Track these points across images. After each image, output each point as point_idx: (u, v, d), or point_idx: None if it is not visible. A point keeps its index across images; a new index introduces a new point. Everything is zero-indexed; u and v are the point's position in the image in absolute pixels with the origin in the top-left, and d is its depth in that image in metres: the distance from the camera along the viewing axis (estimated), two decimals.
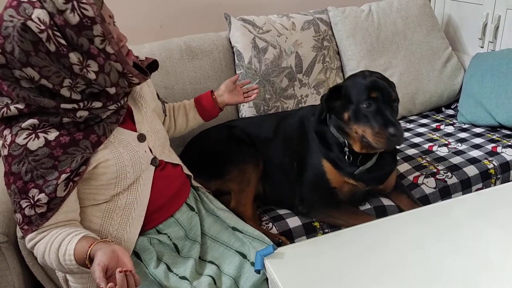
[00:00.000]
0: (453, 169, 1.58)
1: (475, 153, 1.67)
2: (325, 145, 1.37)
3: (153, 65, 1.32)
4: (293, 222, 1.39)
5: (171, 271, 1.09)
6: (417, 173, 1.57)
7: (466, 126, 1.94)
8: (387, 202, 1.47)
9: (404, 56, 2.04)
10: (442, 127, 1.95)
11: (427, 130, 1.94)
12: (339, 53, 2.03)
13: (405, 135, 1.86)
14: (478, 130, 1.88)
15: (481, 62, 1.95)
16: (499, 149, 1.68)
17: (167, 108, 1.42)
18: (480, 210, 1.16)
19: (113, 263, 0.89)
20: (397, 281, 0.94)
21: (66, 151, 0.97)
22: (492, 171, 1.59)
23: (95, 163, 1.01)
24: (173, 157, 1.24)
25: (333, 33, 2.01)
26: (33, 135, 0.96)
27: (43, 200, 0.95)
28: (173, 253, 1.15)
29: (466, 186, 1.56)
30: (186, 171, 1.28)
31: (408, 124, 2.03)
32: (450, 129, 1.92)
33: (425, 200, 1.49)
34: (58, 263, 0.97)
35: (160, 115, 1.34)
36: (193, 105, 1.46)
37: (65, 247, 0.95)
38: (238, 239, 1.18)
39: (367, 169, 1.34)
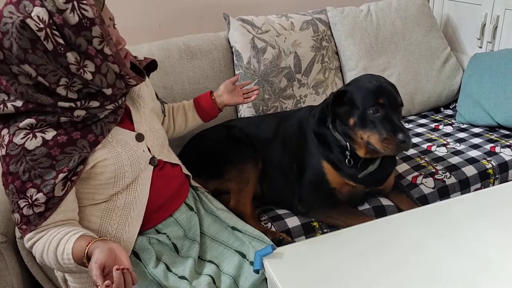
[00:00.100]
0: (452, 169, 1.58)
1: (474, 153, 1.67)
2: (325, 146, 1.37)
3: (152, 65, 1.32)
4: (292, 222, 1.39)
5: (170, 271, 1.09)
6: (416, 173, 1.58)
7: (464, 126, 1.95)
8: (386, 202, 1.47)
9: (402, 56, 2.04)
10: (440, 127, 1.96)
11: (425, 130, 1.94)
12: (338, 53, 2.03)
13: None
14: (476, 130, 1.88)
15: (479, 62, 1.96)
16: (497, 149, 1.68)
17: (166, 108, 1.42)
18: (478, 210, 1.16)
19: (111, 261, 0.89)
20: (396, 281, 0.94)
21: (63, 151, 0.97)
22: (490, 171, 1.60)
23: (93, 163, 1.01)
24: (172, 157, 1.24)
25: (332, 33, 2.01)
26: (30, 135, 0.96)
27: (41, 199, 0.95)
28: (172, 252, 1.14)
29: (464, 186, 1.56)
30: (185, 171, 1.28)
31: (407, 124, 2.03)
32: (448, 129, 1.93)
33: (423, 200, 1.50)
34: (56, 262, 0.97)
35: (159, 115, 1.34)
36: (192, 106, 1.46)
37: (63, 246, 0.95)
38: (237, 239, 1.18)
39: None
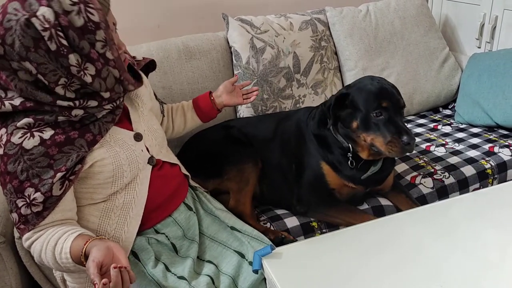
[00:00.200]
0: (451, 169, 1.59)
1: (472, 153, 1.67)
2: (325, 148, 1.37)
3: (151, 65, 1.32)
4: (291, 222, 1.39)
5: (169, 271, 1.09)
6: (415, 173, 1.58)
7: (463, 126, 1.95)
8: (385, 202, 1.47)
9: (401, 56, 2.04)
10: (439, 127, 1.96)
11: (424, 130, 1.94)
12: (336, 53, 2.03)
13: None
14: (475, 130, 1.89)
15: (478, 62, 1.96)
16: (496, 149, 1.68)
17: (165, 109, 1.42)
18: (477, 210, 1.16)
19: (108, 259, 0.89)
20: (395, 280, 0.94)
21: (61, 150, 0.97)
22: (489, 171, 1.60)
23: (91, 162, 1.01)
24: (170, 157, 1.24)
25: (331, 33, 2.01)
26: (28, 134, 0.95)
27: (39, 199, 0.95)
28: (171, 252, 1.14)
29: (463, 186, 1.56)
30: (184, 170, 1.28)
31: (405, 124, 2.03)
32: (447, 129, 1.93)
33: (422, 200, 1.50)
34: (54, 261, 0.96)
35: (157, 115, 1.34)
36: (191, 106, 1.46)
37: (61, 245, 0.95)
38: (236, 239, 1.18)
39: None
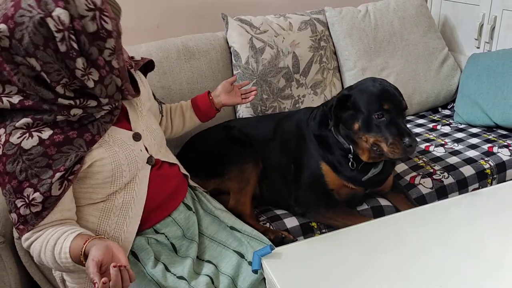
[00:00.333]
0: (450, 169, 1.59)
1: (472, 153, 1.67)
2: (325, 148, 1.36)
3: (149, 65, 1.32)
4: (291, 222, 1.39)
5: (168, 271, 1.09)
6: (414, 173, 1.58)
7: (462, 126, 1.95)
8: (384, 202, 1.47)
9: (401, 56, 2.04)
10: (438, 127, 1.96)
11: (423, 130, 1.94)
12: (336, 54, 2.03)
13: None
14: (474, 130, 1.89)
15: (477, 62, 1.96)
16: (495, 149, 1.68)
17: (164, 109, 1.42)
18: (476, 210, 1.16)
19: (107, 258, 0.89)
20: (395, 280, 0.94)
21: (60, 150, 0.97)
22: (488, 171, 1.60)
23: (90, 162, 1.01)
24: (169, 157, 1.24)
25: (330, 34, 2.01)
26: (27, 134, 0.95)
27: (38, 199, 0.95)
28: (171, 252, 1.14)
29: (462, 186, 1.56)
30: (183, 170, 1.28)
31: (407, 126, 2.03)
32: (446, 129, 1.93)
33: (421, 200, 1.50)
34: (54, 261, 0.96)
35: (156, 115, 1.34)
36: (189, 106, 1.46)
37: (60, 245, 0.95)
38: (236, 239, 1.18)
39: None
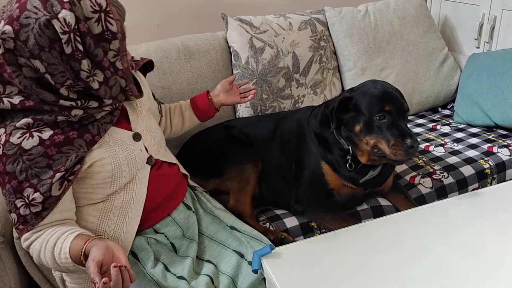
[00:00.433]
0: (450, 169, 1.59)
1: (471, 153, 1.67)
2: (325, 148, 1.36)
3: (149, 65, 1.32)
4: (291, 222, 1.39)
5: (168, 271, 1.09)
6: (414, 173, 1.58)
7: (462, 126, 1.95)
8: (384, 202, 1.47)
9: (400, 56, 2.04)
10: (438, 127, 1.96)
11: (423, 130, 1.94)
12: (336, 53, 2.03)
13: None
14: (474, 130, 1.89)
15: (477, 62, 1.96)
16: (495, 149, 1.68)
17: (163, 108, 1.42)
18: (476, 210, 1.16)
19: (108, 259, 0.89)
20: (395, 280, 0.94)
21: (60, 150, 0.97)
22: (488, 171, 1.60)
23: (90, 162, 1.01)
24: (169, 156, 1.24)
25: (330, 33, 2.01)
26: (27, 134, 0.95)
27: (38, 199, 0.95)
28: (171, 252, 1.14)
29: (462, 186, 1.56)
30: (182, 170, 1.28)
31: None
32: (446, 129, 1.93)
33: (421, 200, 1.50)
34: (53, 261, 0.96)
35: (155, 115, 1.34)
36: (189, 106, 1.46)
37: (60, 245, 0.95)
38: (235, 239, 1.18)
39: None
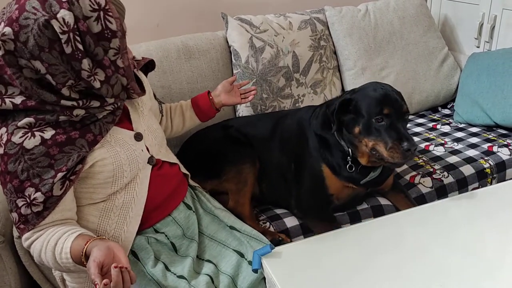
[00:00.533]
0: (450, 168, 1.59)
1: (471, 153, 1.67)
2: (326, 149, 1.36)
3: (150, 64, 1.32)
4: (291, 221, 1.39)
5: (168, 270, 1.09)
6: (414, 173, 1.58)
7: (462, 125, 1.95)
8: (384, 201, 1.47)
9: (400, 55, 2.04)
10: (438, 127, 1.96)
11: (423, 129, 1.94)
12: (336, 53, 2.03)
13: None
14: (474, 129, 1.89)
15: (477, 62, 1.96)
16: (495, 149, 1.69)
17: (164, 108, 1.42)
18: (476, 209, 1.17)
19: (109, 259, 0.89)
20: (395, 280, 0.94)
21: (62, 150, 0.97)
22: (488, 170, 1.60)
23: (91, 162, 1.01)
24: (170, 156, 1.24)
25: (330, 33, 2.01)
26: (29, 134, 0.95)
27: (39, 199, 0.95)
28: (171, 252, 1.14)
29: (462, 185, 1.56)
30: (183, 170, 1.28)
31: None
32: (446, 129, 1.93)
33: (421, 199, 1.50)
34: (54, 261, 0.96)
35: (156, 114, 1.34)
36: (189, 105, 1.46)
37: (61, 245, 0.95)
38: (235, 238, 1.18)
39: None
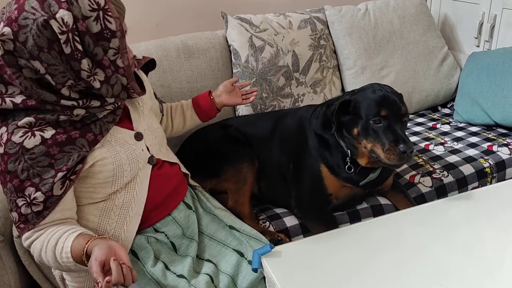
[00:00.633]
0: (449, 168, 1.59)
1: (471, 152, 1.67)
2: (326, 149, 1.36)
3: (150, 64, 1.32)
4: (290, 221, 1.39)
5: (168, 270, 1.09)
6: (414, 172, 1.58)
7: (462, 125, 1.95)
8: (384, 201, 1.47)
9: (400, 55, 2.04)
10: (438, 126, 1.96)
11: (423, 129, 1.94)
12: (335, 52, 2.03)
13: None
14: (474, 129, 1.89)
15: (477, 61, 1.96)
16: (495, 148, 1.69)
17: (164, 108, 1.42)
18: (476, 209, 1.17)
19: (110, 258, 0.89)
20: (394, 279, 0.94)
21: (62, 149, 0.97)
22: (488, 169, 1.60)
23: (91, 162, 1.01)
24: (170, 156, 1.24)
25: (330, 32, 2.01)
26: (29, 133, 0.95)
27: (39, 198, 0.95)
28: (171, 251, 1.14)
29: (462, 184, 1.56)
30: (183, 169, 1.28)
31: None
32: (446, 128, 1.93)
33: (421, 199, 1.50)
34: (55, 261, 0.96)
35: (157, 114, 1.34)
36: (190, 105, 1.46)
37: (61, 244, 0.95)
38: (235, 238, 1.18)
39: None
